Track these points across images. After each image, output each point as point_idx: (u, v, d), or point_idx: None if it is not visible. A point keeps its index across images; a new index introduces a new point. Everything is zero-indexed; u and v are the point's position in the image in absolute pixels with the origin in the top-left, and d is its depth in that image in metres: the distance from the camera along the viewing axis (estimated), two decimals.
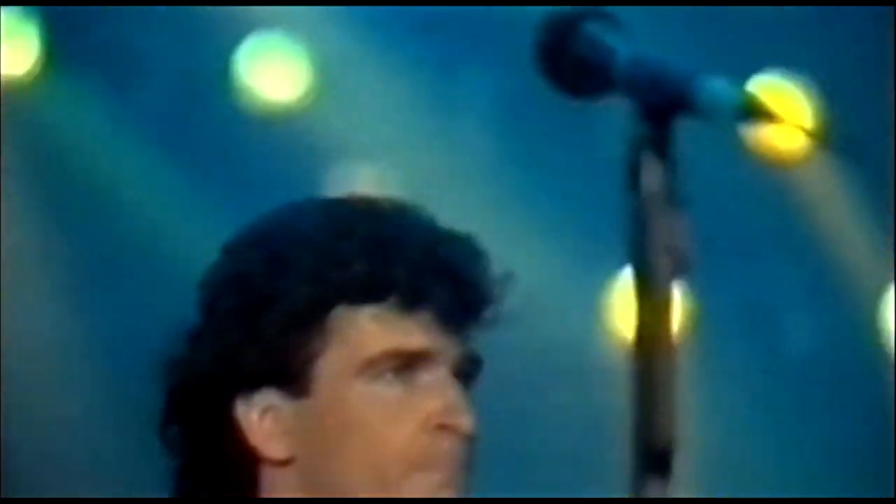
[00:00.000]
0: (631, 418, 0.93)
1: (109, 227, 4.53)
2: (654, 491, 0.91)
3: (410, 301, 1.44)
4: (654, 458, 0.91)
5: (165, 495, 1.48)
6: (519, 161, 4.76)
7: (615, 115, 0.97)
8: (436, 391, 1.45)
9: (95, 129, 4.60)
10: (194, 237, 4.11)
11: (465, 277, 1.46)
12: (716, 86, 0.96)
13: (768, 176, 4.81)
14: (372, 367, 1.44)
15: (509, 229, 4.19)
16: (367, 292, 1.44)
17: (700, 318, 4.20)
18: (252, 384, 1.44)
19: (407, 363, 1.44)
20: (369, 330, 1.45)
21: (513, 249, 1.83)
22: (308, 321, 1.44)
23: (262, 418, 1.45)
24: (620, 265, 3.18)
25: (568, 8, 1.04)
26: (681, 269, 0.94)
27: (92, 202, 4.56)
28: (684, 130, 0.99)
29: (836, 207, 4.96)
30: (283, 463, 1.47)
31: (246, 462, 1.47)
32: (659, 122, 0.95)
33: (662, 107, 0.96)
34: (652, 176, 0.95)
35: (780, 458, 4.86)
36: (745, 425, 4.93)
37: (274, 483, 1.47)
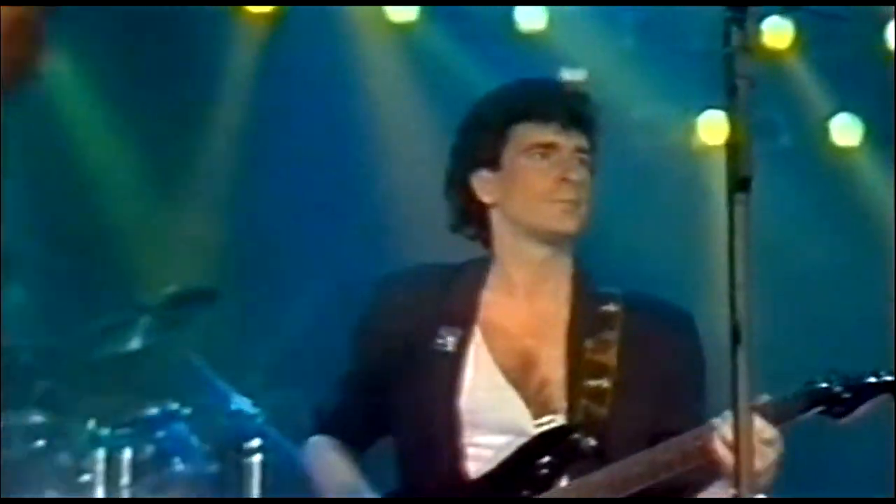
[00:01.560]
0: None
1: None
2: None
3: (545, 119, 2.97)
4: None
5: None
6: None
7: None
8: (560, 163, 2.94)
9: None
10: None
11: (575, 106, 3.00)
12: None
13: None
14: (528, 150, 2.96)
15: None
16: (524, 117, 2.98)
17: None
18: (477, 166, 2.97)
19: (543, 148, 2.95)
20: (528, 132, 2.97)
21: None
22: (504, 131, 2.98)
23: (482, 183, 2.97)
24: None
25: None
26: None
27: None
28: None
29: None
30: (493, 205, 3.01)
31: (479, 206, 3.01)
32: None
33: None
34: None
35: None
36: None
37: (492, 217, 3.01)
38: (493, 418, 3.20)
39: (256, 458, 5.07)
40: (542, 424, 3.17)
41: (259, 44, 6.24)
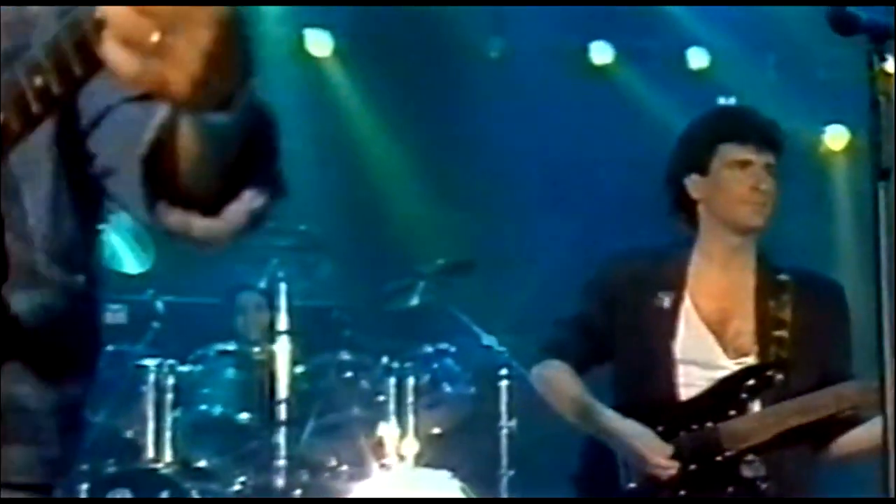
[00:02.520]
0: None
1: None
2: None
3: (744, 141, 3.56)
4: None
5: None
6: None
7: None
8: (753, 175, 3.54)
9: None
10: None
11: (767, 131, 3.62)
12: None
13: None
14: (730, 164, 3.55)
15: None
16: (729, 139, 3.57)
17: None
18: (689, 171, 3.61)
19: (741, 164, 3.54)
20: (731, 151, 3.57)
21: None
22: (712, 147, 3.60)
23: (693, 184, 3.59)
24: None
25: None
26: None
27: None
28: None
29: None
30: (700, 201, 3.60)
31: (690, 201, 3.62)
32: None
33: None
34: None
35: None
36: None
37: (700, 209, 3.61)
38: (699, 358, 3.72)
39: (504, 383, 5.99)
40: (739, 364, 3.70)
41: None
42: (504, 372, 6.03)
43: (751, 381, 3.64)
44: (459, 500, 5.51)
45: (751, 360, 3.69)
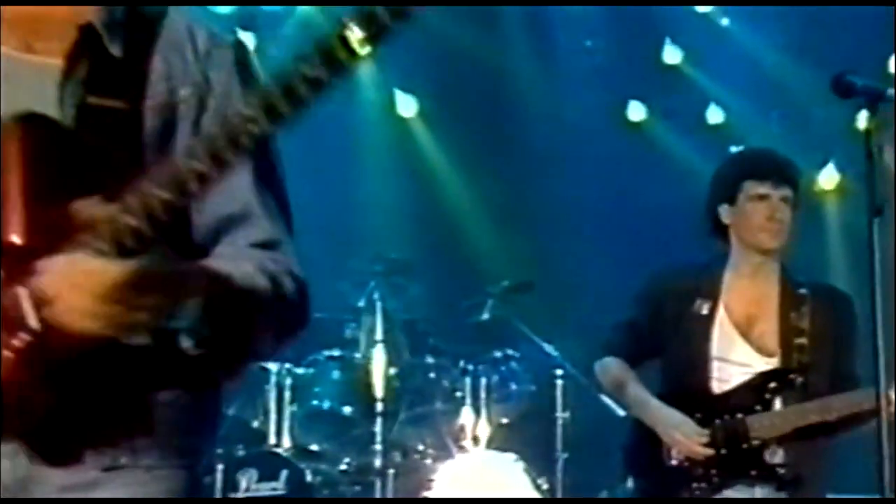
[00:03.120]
0: None
1: None
2: None
3: (763, 178, 3.70)
4: None
5: None
6: None
7: None
8: (769, 206, 3.67)
9: None
10: None
11: (783, 169, 3.75)
12: None
13: None
14: (750, 198, 3.69)
15: None
16: (751, 177, 3.71)
17: None
18: (721, 202, 3.77)
19: (761, 197, 3.68)
20: (752, 186, 3.70)
21: None
22: (738, 184, 3.73)
23: (724, 212, 3.75)
24: None
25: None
26: None
27: None
28: None
29: None
30: (730, 226, 3.74)
31: (722, 226, 3.78)
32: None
33: None
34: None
35: None
36: None
37: (731, 232, 3.75)
38: (730, 356, 3.76)
39: (559, 381, 6.23)
40: (764, 361, 3.72)
41: None
42: (559, 372, 6.28)
43: (774, 384, 3.70)
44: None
45: (775, 359, 3.74)
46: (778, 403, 3.67)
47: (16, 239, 1.69)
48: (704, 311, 3.77)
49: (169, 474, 1.88)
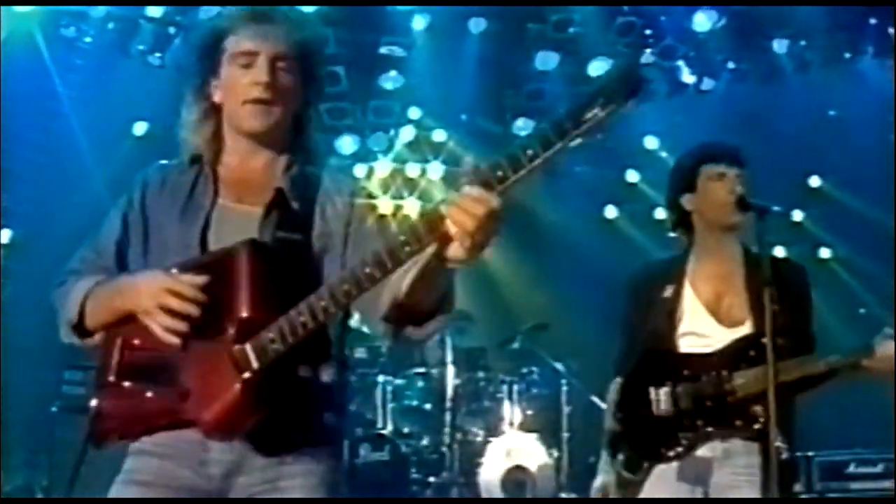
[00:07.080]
0: None
1: None
2: None
3: (718, 160, 3.69)
4: None
5: None
6: None
7: None
8: (728, 182, 3.62)
9: None
10: None
11: (734, 153, 3.68)
12: None
13: None
14: (709, 177, 3.69)
15: None
16: (707, 161, 3.70)
17: None
18: (683, 191, 3.73)
19: (719, 175, 3.67)
20: (709, 169, 3.68)
21: None
22: (696, 169, 3.71)
23: (687, 200, 3.72)
24: None
25: None
26: None
27: None
28: None
29: None
30: (693, 212, 3.74)
31: (685, 214, 3.76)
32: None
33: None
34: None
35: None
36: None
37: (694, 219, 3.71)
38: (697, 329, 3.76)
39: (564, 388, 7.49)
40: (733, 330, 3.71)
41: None
42: (564, 381, 7.70)
43: (752, 351, 3.63)
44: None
45: (745, 328, 3.69)
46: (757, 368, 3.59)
47: (245, 314, 2.07)
48: (668, 294, 3.80)
49: (328, 450, 2.28)
